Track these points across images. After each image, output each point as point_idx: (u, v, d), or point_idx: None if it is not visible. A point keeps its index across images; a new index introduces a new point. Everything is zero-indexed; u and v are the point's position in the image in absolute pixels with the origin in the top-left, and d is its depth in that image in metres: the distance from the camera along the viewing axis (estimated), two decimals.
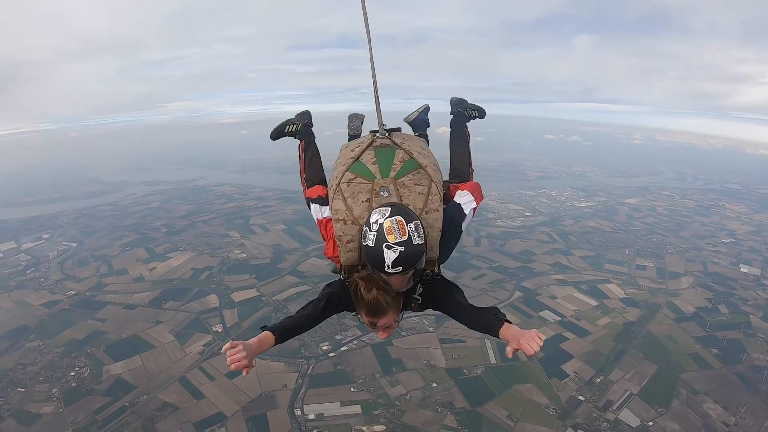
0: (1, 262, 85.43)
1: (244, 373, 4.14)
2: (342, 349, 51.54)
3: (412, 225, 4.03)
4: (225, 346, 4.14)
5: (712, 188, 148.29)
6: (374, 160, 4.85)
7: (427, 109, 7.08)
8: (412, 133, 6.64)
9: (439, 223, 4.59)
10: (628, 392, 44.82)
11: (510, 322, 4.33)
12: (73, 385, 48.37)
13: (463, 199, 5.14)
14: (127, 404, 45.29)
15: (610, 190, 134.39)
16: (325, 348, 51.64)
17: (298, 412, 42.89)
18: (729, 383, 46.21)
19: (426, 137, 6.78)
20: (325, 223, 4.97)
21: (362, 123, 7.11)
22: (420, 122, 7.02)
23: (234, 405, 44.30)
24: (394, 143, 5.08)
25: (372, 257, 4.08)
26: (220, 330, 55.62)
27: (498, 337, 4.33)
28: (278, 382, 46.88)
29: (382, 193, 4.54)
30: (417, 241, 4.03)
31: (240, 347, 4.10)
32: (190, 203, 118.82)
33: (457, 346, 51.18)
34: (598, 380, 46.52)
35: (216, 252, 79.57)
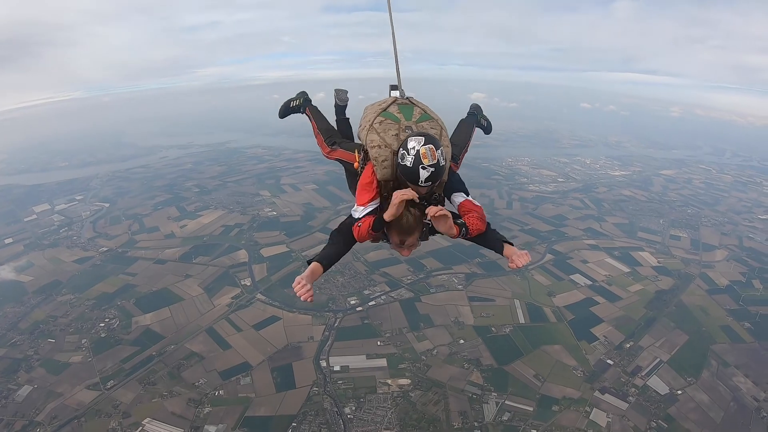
0: (35, 223, 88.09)
1: (310, 300, 5.22)
2: (370, 303, 51.67)
3: (439, 152, 5.12)
4: (294, 285, 5.13)
5: (750, 165, 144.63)
6: (398, 111, 6.01)
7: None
8: None
9: (449, 156, 5.83)
10: (658, 359, 44.07)
11: (512, 244, 5.93)
12: (102, 335, 49.53)
13: (463, 199, 6.06)
14: (154, 353, 46.19)
15: (645, 161, 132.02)
16: (353, 302, 51.78)
17: (323, 364, 43.10)
18: (760, 358, 45.18)
19: None
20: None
21: (347, 95, 8.60)
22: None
23: (260, 355, 44.76)
24: (412, 103, 6.24)
25: (409, 174, 5.14)
26: (248, 283, 56.08)
27: (501, 254, 5.89)
28: (305, 334, 47.23)
29: (406, 130, 5.69)
30: (443, 163, 5.18)
31: (304, 282, 5.10)
32: (221, 165, 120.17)
33: (486, 304, 50.78)
34: (628, 345, 45.80)
35: (246, 210, 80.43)
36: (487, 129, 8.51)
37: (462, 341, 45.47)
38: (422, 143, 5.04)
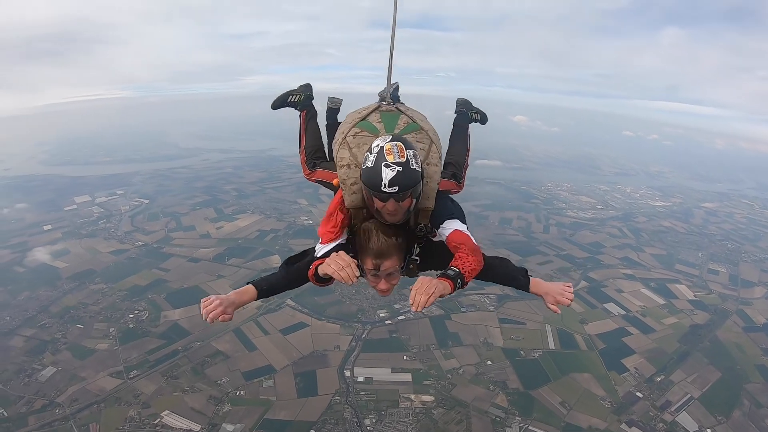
0: (75, 213, 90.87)
1: (220, 319, 4.36)
2: (399, 317, 51.42)
3: (410, 152, 4.07)
4: (203, 300, 4.36)
5: None
6: (380, 120, 5.08)
7: (396, 86, 6.69)
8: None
9: (438, 176, 4.76)
10: (689, 395, 42.73)
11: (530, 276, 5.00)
12: (131, 326, 50.59)
13: (454, 228, 4.75)
14: (180, 348, 46.84)
15: (687, 193, 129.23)
16: (382, 315, 51.77)
17: (347, 374, 42.98)
18: None
19: None
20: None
21: (341, 102, 7.46)
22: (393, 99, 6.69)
23: (284, 359, 44.90)
24: (399, 110, 5.33)
25: (369, 177, 4.06)
26: None
27: (528, 292, 4.98)
28: (331, 343, 47.29)
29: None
30: (414, 166, 4.04)
31: (214, 300, 4.32)
32: (261, 171, 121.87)
33: (516, 327, 50.14)
34: (659, 379, 44.55)
35: (283, 217, 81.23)
36: (483, 120, 7.24)
37: (489, 362, 44.92)
38: (388, 140, 4.12)
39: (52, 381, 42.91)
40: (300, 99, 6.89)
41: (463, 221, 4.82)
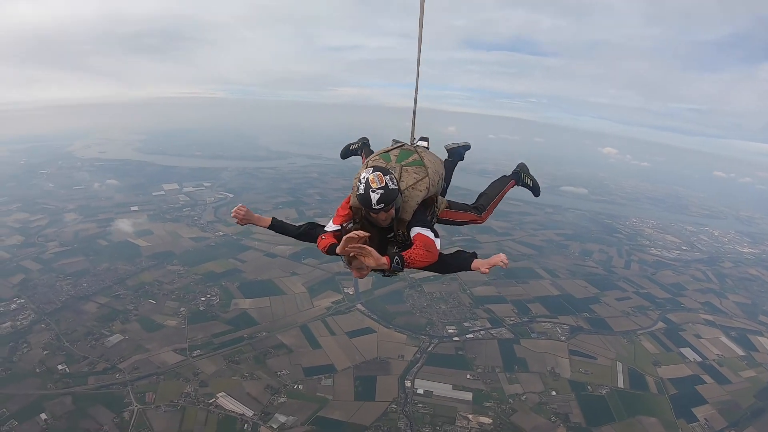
0: (163, 198, 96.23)
1: (234, 215, 6.12)
2: (468, 336, 51.03)
3: (387, 177, 5.45)
4: (239, 204, 6.18)
5: None
6: (396, 154, 6.52)
7: (467, 146, 8.56)
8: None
9: (418, 200, 6.08)
10: None
11: (477, 256, 5.87)
12: (201, 308, 52.76)
13: (417, 231, 5.97)
14: (245, 336, 48.27)
15: None
16: (450, 331, 51.47)
17: (408, 384, 42.77)
18: None
19: (452, 165, 8.20)
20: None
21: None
22: (456, 153, 8.45)
23: (347, 361, 45.23)
24: (415, 150, 6.61)
25: (363, 200, 5.45)
26: (351, 292, 57.32)
27: (470, 269, 5.76)
28: (396, 352, 47.29)
29: (390, 171, 5.80)
30: (391, 186, 5.43)
31: (244, 207, 6.19)
32: (347, 179, 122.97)
33: (586, 360, 48.58)
34: None
35: None
36: (534, 190, 8.37)
37: (554, 393, 43.61)
38: (371, 172, 5.48)
39: (117, 348, 45.40)
40: (358, 146, 8.96)
41: (431, 230, 6.04)
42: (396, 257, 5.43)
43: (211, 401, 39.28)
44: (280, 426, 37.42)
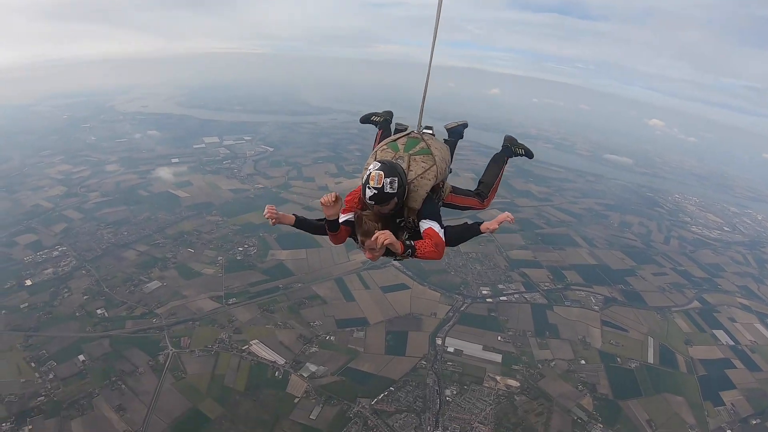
0: (203, 151, 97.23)
1: (270, 220, 6.00)
2: (501, 298, 51.27)
3: (388, 180, 5.69)
4: (270, 205, 6.08)
5: None
6: (404, 143, 6.83)
7: (465, 124, 8.94)
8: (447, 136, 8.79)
9: (427, 188, 6.37)
10: None
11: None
12: (238, 258, 53.84)
13: (429, 226, 6.33)
14: (281, 286, 49.20)
15: None
16: (484, 292, 51.73)
17: (438, 341, 43.22)
18: None
19: (453, 145, 8.59)
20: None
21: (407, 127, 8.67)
22: (455, 132, 8.82)
23: (380, 315, 45.79)
24: (422, 138, 6.92)
25: (362, 191, 5.85)
26: None
27: (481, 232, 6.24)
28: (429, 309, 47.69)
29: (398, 160, 6.41)
30: (388, 190, 5.71)
31: (274, 208, 6.05)
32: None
33: (618, 332, 48.34)
34: (754, 422, 41.12)
35: None
36: (528, 154, 8.63)
37: (583, 362, 43.63)
38: (377, 167, 5.77)
39: (155, 294, 46.92)
40: (380, 120, 9.19)
41: (440, 224, 6.36)
42: (409, 247, 5.85)
43: (244, 348, 40.47)
44: (311, 375, 38.34)
